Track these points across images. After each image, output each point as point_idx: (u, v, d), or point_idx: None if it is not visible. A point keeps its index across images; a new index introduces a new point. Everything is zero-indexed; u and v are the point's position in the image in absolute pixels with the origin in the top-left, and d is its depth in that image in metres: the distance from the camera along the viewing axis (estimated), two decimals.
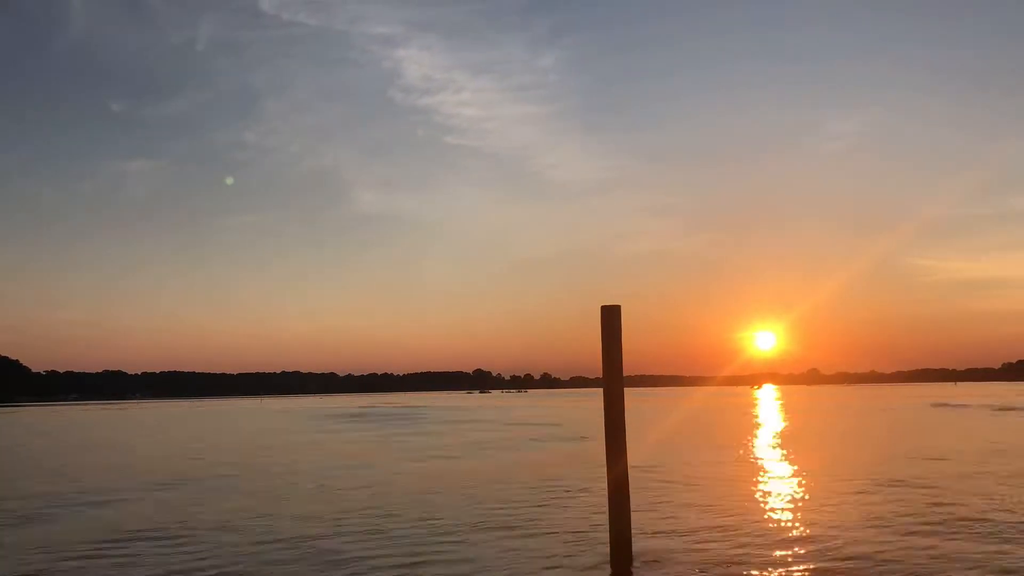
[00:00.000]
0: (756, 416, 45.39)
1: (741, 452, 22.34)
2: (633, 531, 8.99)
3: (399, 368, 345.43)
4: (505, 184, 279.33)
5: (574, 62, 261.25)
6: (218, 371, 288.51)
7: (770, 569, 8.44)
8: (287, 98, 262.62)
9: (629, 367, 9.05)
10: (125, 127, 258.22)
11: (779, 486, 14.97)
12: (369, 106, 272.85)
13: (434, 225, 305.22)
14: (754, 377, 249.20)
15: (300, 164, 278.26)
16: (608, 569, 8.61)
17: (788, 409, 56.64)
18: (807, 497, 13.40)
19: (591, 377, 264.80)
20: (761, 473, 17.19)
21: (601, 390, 8.90)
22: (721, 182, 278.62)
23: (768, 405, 66.38)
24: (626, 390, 8.86)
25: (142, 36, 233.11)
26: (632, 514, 8.90)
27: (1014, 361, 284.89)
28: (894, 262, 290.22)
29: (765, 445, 24.83)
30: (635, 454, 10.74)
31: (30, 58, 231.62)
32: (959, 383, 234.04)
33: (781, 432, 31.40)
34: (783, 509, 12.27)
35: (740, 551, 9.27)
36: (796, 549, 9.35)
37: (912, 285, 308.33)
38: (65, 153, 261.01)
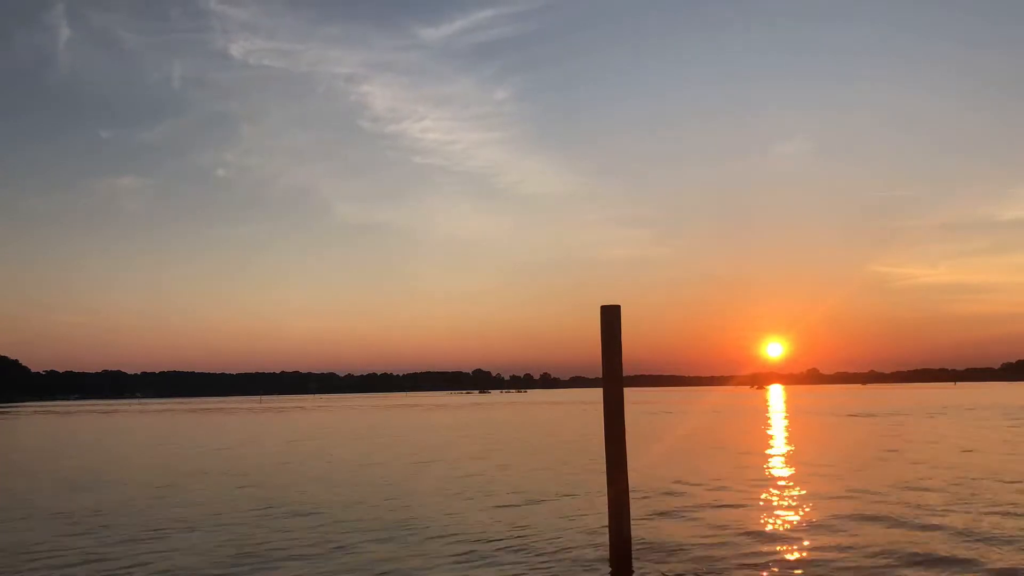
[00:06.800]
0: (757, 420, 45.38)
1: (743, 455, 22.31)
2: (633, 532, 8.95)
3: (399, 368, 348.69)
4: (477, 197, 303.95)
5: (526, 94, 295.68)
6: (218, 371, 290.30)
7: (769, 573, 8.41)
8: (262, 125, 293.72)
9: (627, 367, 9.01)
10: (114, 150, 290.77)
11: (782, 489, 14.93)
12: (340, 132, 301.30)
13: (416, 233, 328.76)
14: (754, 377, 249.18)
15: (279, 181, 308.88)
16: (607, 570, 8.58)
17: (791, 411, 56.63)
18: (810, 501, 13.36)
19: (591, 377, 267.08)
20: (765, 477, 17.14)
21: (599, 390, 8.87)
22: (684, 191, 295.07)
23: (772, 407, 66.34)
24: (625, 390, 8.82)
25: (121, 74, 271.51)
26: (632, 515, 8.86)
27: (1013, 361, 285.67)
28: (885, 265, 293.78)
29: (769, 448, 24.80)
30: (635, 459, 10.69)
31: (25, 93, 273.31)
32: (958, 383, 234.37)
33: (784, 436, 31.39)
34: (786, 512, 12.23)
35: (740, 554, 9.23)
36: (797, 553, 9.32)
37: (907, 288, 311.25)
38: (62, 171, 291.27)
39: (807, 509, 12.17)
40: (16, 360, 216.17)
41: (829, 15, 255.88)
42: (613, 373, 8.76)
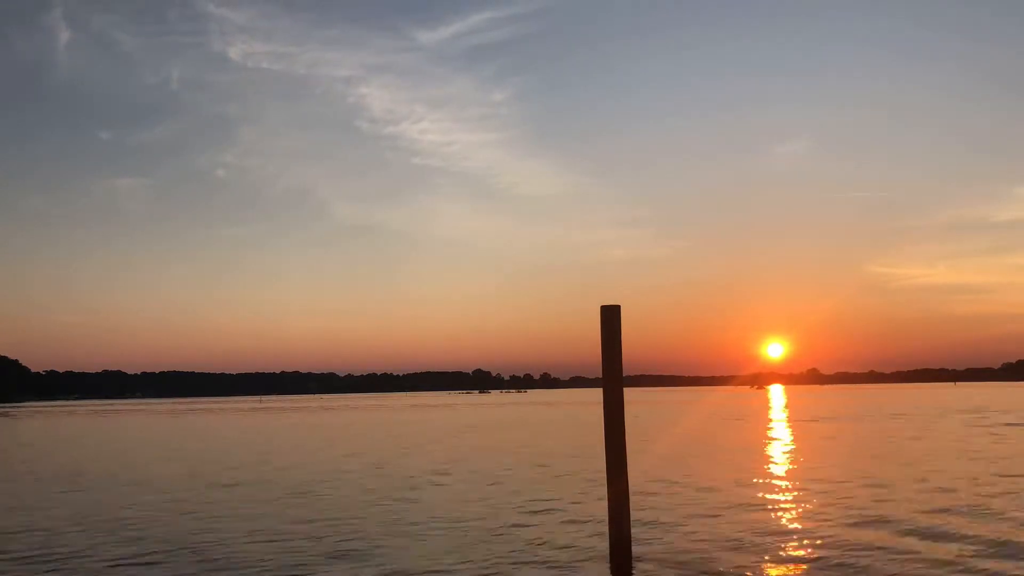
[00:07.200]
0: (756, 422, 45.31)
1: (742, 457, 22.29)
2: (633, 533, 8.95)
3: (399, 368, 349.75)
4: (475, 197, 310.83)
5: (524, 95, 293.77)
6: (218, 371, 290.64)
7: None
8: (260, 126, 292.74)
9: (627, 367, 9.01)
10: (114, 150, 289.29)
11: (782, 492, 14.93)
12: (338, 133, 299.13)
13: (415, 234, 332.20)
14: (754, 377, 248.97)
15: (278, 182, 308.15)
16: (608, 570, 8.58)
17: (791, 415, 56.59)
18: (811, 503, 13.37)
19: (591, 377, 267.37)
20: (764, 479, 17.15)
21: (599, 390, 8.87)
22: (684, 191, 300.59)
23: (775, 407, 66.31)
24: (625, 389, 8.81)
25: (120, 76, 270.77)
26: (631, 515, 8.86)
27: (1013, 361, 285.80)
28: (884, 265, 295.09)
29: (768, 452, 24.79)
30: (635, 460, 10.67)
31: (25, 94, 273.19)
32: (958, 383, 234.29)
33: (782, 441, 31.37)
34: (786, 514, 12.23)
35: (740, 554, 9.24)
36: (797, 554, 9.33)
37: (906, 288, 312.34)
38: (62, 172, 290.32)
39: (807, 512, 12.18)
40: (16, 360, 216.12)
41: (829, 14, 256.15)
42: (613, 373, 8.76)
